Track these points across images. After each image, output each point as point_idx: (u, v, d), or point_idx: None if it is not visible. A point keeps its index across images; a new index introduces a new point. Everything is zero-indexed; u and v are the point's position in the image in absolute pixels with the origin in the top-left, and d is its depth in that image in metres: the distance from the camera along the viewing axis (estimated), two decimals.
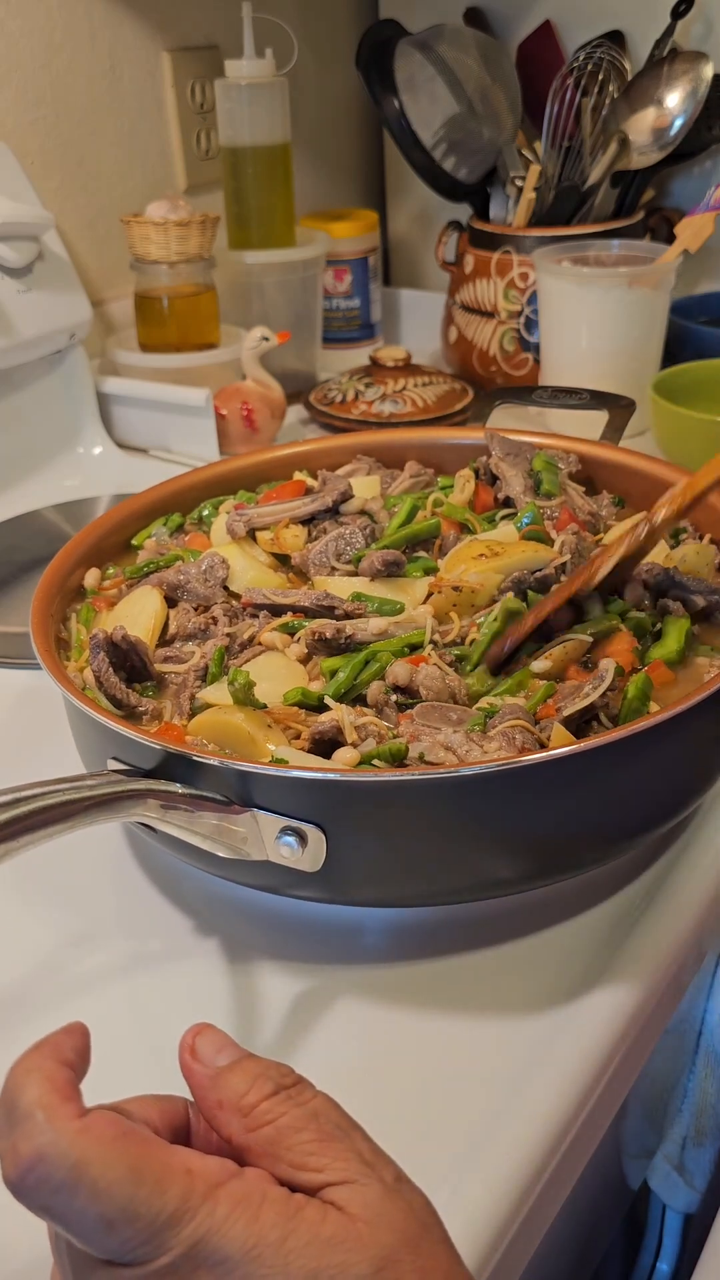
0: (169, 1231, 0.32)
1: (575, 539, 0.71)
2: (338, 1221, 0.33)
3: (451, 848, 0.53)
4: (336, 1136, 0.36)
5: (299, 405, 1.31)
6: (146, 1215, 0.32)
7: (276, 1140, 0.35)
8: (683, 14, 1.27)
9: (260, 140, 1.26)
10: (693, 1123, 0.75)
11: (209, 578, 0.71)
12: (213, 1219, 0.32)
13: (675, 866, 0.62)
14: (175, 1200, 0.32)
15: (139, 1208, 0.32)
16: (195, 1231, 0.32)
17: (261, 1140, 0.35)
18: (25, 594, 0.85)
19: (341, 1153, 0.35)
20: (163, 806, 0.51)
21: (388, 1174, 0.35)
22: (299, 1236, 0.33)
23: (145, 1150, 0.33)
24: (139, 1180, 0.32)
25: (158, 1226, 0.32)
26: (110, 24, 1.25)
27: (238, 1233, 0.32)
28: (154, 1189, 0.32)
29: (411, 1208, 0.35)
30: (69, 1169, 0.31)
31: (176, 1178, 0.33)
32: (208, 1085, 0.37)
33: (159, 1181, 0.32)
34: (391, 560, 0.68)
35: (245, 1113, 0.36)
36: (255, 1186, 0.34)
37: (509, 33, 1.44)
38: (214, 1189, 0.33)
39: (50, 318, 1.11)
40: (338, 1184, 0.34)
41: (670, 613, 0.65)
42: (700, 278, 1.39)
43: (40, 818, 0.45)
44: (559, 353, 1.19)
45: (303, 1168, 0.35)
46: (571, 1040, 0.52)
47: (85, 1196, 0.31)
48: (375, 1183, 0.35)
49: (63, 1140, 0.32)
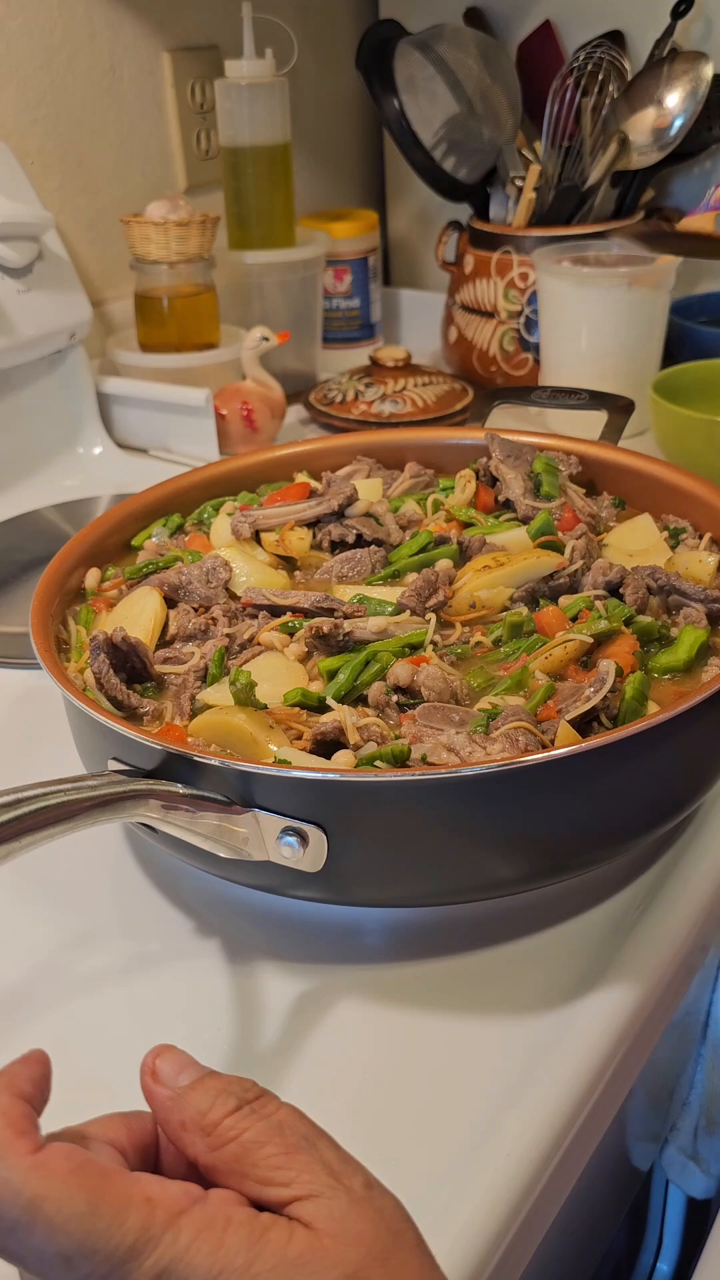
0: (131, 1264, 0.31)
1: (584, 543, 0.71)
2: (304, 1240, 0.33)
3: (452, 848, 0.53)
4: (302, 1148, 0.35)
5: (299, 405, 1.31)
6: (105, 1249, 0.31)
7: (241, 1157, 0.35)
8: (683, 14, 1.27)
9: (260, 140, 1.27)
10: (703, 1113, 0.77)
11: (211, 579, 0.71)
12: (175, 1248, 0.32)
13: (675, 866, 0.62)
14: (134, 1231, 0.32)
15: (96, 1242, 0.31)
16: (158, 1262, 0.32)
17: (227, 1158, 0.35)
18: (25, 594, 0.85)
19: (308, 1165, 0.35)
20: (164, 807, 0.51)
21: (356, 1182, 0.35)
22: (265, 1260, 0.32)
23: (102, 1182, 0.32)
24: (96, 1213, 0.32)
25: (118, 1259, 0.31)
26: (110, 24, 1.25)
27: (201, 1260, 0.32)
28: (112, 1221, 0.32)
29: (381, 1216, 0.34)
30: (23, 1207, 0.31)
31: (136, 1207, 0.32)
32: (170, 1107, 0.36)
33: (117, 1214, 0.32)
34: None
35: (209, 1131, 0.35)
36: (219, 1211, 0.33)
37: (509, 33, 1.44)
38: (176, 1217, 0.33)
39: (50, 318, 1.11)
40: (304, 1198, 0.34)
41: (691, 622, 0.65)
42: (700, 278, 1.39)
43: (41, 818, 0.45)
44: (559, 353, 1.19)
45: (269, 1183, 0.34)
46: (572, 1040, 0.52)
47: (41, 1234, 0.31)
48: (342, 1194, 0.34)
49: (15, 1178, 0.31)
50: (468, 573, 0.70)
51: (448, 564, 0.71)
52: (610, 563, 0.68)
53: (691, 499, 0.76)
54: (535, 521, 0.74)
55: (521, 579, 0.69)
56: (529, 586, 0.68)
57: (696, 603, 0.66)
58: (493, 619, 0.68)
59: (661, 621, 0.65)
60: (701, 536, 0.74)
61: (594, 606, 0.65)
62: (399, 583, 0.72)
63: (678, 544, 0.74)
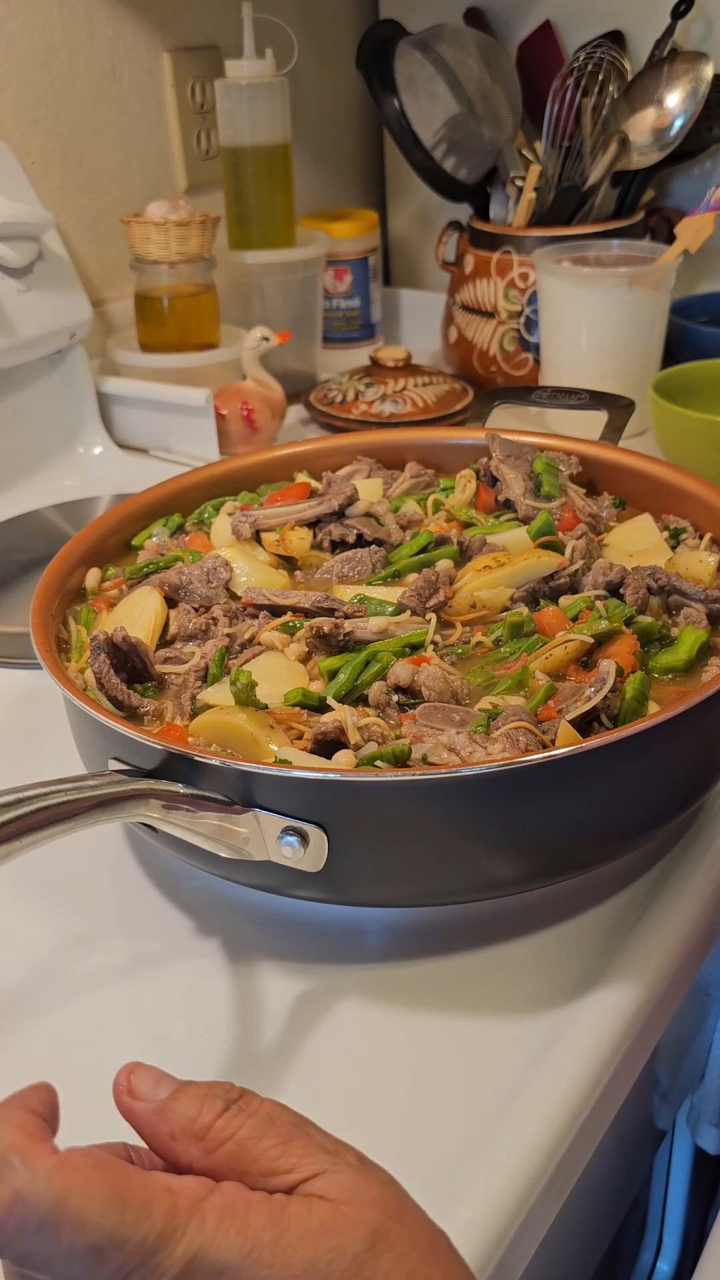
0: (162, 1252, 0.32)
1: (585, 543, 0.71)
2: (323, 1209, 0.34)
3: (453, 848, 0.53)
4: (296, 1135, 0.36)
5: (299, 405, 1.31)
6: (136, 1237, 0.31)
7: (240, 1155, 0.35)
8: (683, 14, 1.27)
9: (260, 140, 1.27)
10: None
11: (212, 579, 0.71)
12: (204, 1233, 0.32)
13: (675, 866, 0.62)
14: (161, 1219, 0.32)
15: (127, 1231, 0.31)
16: (189, 1247, 0.32)
17: (225, 1158, 0.35)
18: (25, 594, 0.85)
19: (305, 1149, 0.36)
20: (165, 807, 0.51)
21: (351, 1158, 0.36)
22: (291, 1232, 0.33)
23: (125, 1176, 0.33)
24: (124, 1204, 0.32)
25: (148, 1248, 0.32)
26: (110, 24, 1.25)
27: (231, 1241, 0.32)
28: (140, 1211, 0.32)
29: (382, 1181, 0.36)
30: (50, 1204, 0.31)
31: (159, 1198, 0.33)
32: (156, 1119, 0.36)
33: (143, 1204, 0.32)
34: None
35: (201, 1136, 0.35)
36: (236, 1195, 0.34)
37: (509, 33, 1.44)
38: (198, 1203, 0.33)
39: (50, 318, 1.11)
40: (311, 1178, 0.35)
41: (691, 622, 0.65)
42: (700, 278, 1.39)
43: (42, 817, 0.45)
44: (559, 353, 1.19)
45: (272, 1173, 0.35)
46: (572, 1040, 0.52)
47: (71, 1229, 0.31)
48: (344, 1167, 0.35)
49: (40, 1178, 0.31)
50: (468, 573, 0.70)
51: (448, 564, 0.71)
52: (610, 563, 0.68)
53: (691, 499, 0.76)
54: (535, 522, 0.74)
55: (522, 579, 0.69)
56: (529, 587, 0.68)
57: (697, 603, 0.66)
58: (493, 619, 0.68)
59: (662, 621, 0.65)
60: (702, 536, 0.74)
61: (594, 606, 0.65)
62: (399, 583, 0.72)
63: (678, 544, 0.74)
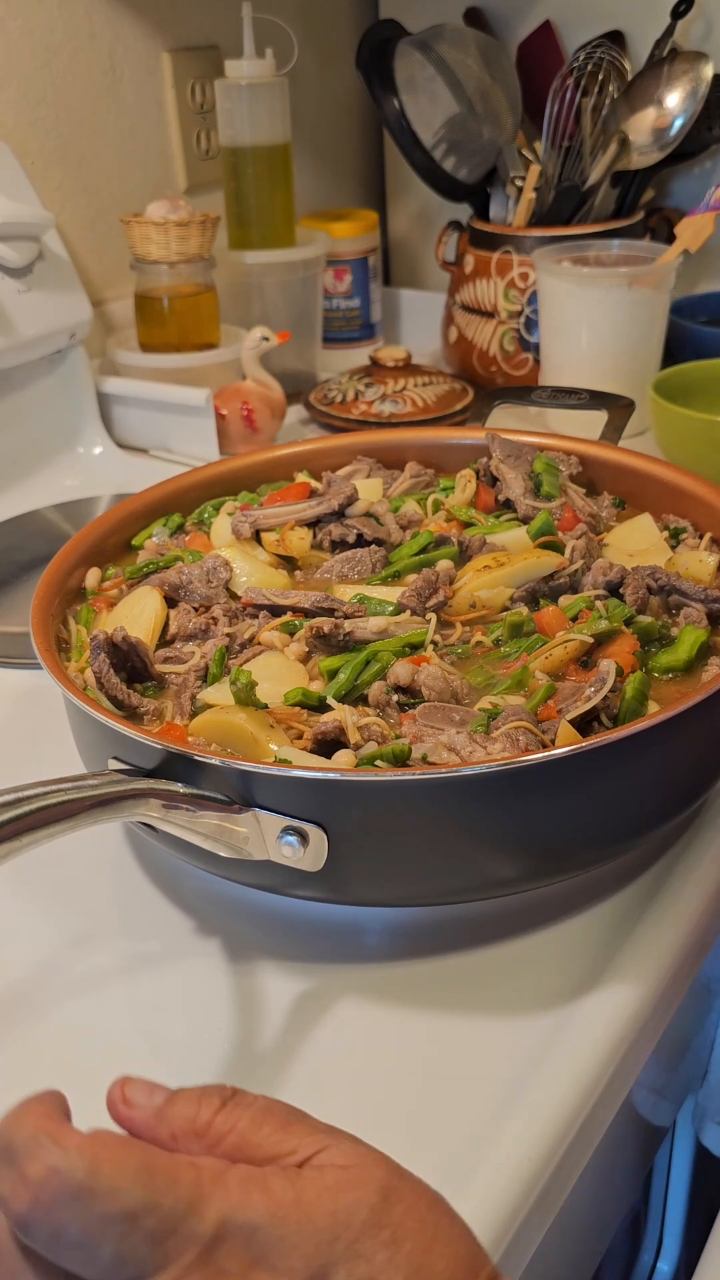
0: (193, 1217, 0.33)
1: (585, 543, 0.71)
2: (334, 1172, 0.35)
3: (453, 848, 0.53)
4: (294, 1120, 0.37)
5: (299, 405, 1.31)
6: (167, 1202, 0.33)
7: (243, 1145, 0.36)
8: (683, 14, 1.27)
9: (260, 140, 1.27)
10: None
11: (212, 578, 0.71)
12: (230, 1199, 0.34)
13: (676, 866, 0.62)
14: (189, 1188, 0.33)
15: (159, 1197, 0.33)
16: (219, 1212, 0.33)
17: (228, 1150, 0.36)
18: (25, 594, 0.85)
19: (305, 1130, 0.37)
20: (164, 806, 0.51)
21: (346, 1136, 0.37)
22: (309, 1191, 0.34)
23: (150, 1149, 0.34)
24: (153, 1172, 0.33)
25: (179, 1212, 0.33)
26: (110, 24, 1.25)
27: (257, 1202, 0.34)
28: (169, 1178, 0.33)
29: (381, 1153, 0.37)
30: (84, 1174, 0.32)
31: (185, 1168, 0.34)
32: (155, 1124, 0.37)
33: (170, 1173, 0.33)
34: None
35: (202, 1133, 0.36)
36: (253, 1168, 0.35)
37: (509, 33, 1.44)
38: (220, 1174, 0.34)
39: (50, 318, 1.11)
40: (316, 1153, 0.36)
41: (691, 621, 0.65)
42: (700, 278, 1.39)
43: (42, 817, 0.45)
44: (559, 353, 1.19)
45: (277, 1156, 0.36)
46: (572, 1040, 0.52)
47: (105, 1197, 0.32)
48: (345, 1139, 0.37)
49: (71, 1152, 0.32)
50: (468, 573, 0.70)
51: (448, 564, 0.71)
52: (610, 563, 0.68)
53: (691, 499, 0.76)
54: (535, 521, 0.74)
55: (522, 579, 0.69)
56: (529, 586, 0.68)
57: (697, 603, 0.66)
58: (493, 619, 0.68)
59: (662, 621, 0.65)
60: (702, 536, 0.74)
61: (594, 606, 0.65)
62: (399, 583, 0.72)
63: (678, 544, 0.74)
